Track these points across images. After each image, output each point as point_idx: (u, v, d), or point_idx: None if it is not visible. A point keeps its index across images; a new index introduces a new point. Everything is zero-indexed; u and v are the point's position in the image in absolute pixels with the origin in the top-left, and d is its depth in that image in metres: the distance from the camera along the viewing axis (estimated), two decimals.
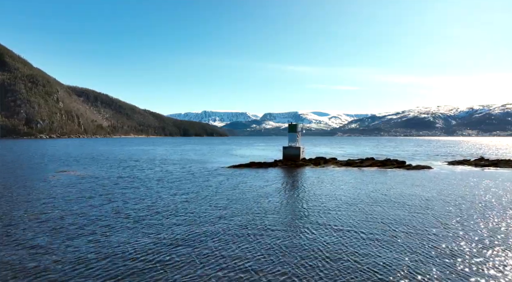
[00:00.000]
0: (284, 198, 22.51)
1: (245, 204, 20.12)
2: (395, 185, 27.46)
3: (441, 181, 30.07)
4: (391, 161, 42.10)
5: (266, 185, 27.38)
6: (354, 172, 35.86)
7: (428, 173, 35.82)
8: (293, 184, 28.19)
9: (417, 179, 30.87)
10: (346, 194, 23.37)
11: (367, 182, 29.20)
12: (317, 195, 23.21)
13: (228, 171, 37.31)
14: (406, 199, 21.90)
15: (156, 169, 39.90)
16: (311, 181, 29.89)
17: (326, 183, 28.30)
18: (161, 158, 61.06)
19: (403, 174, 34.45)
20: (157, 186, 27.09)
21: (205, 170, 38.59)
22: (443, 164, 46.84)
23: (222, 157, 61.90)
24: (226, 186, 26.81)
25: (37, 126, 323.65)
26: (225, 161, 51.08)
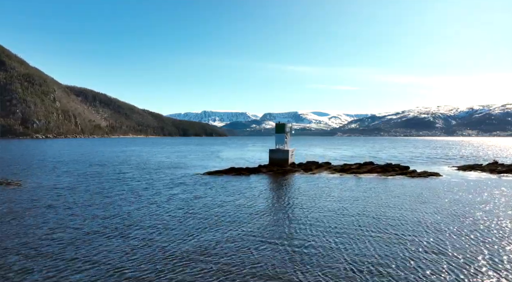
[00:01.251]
0: (253, 225, 16.49)
1: (189, 231, 14.53)
2: (398, 202, 21.86)
3: (454, 194, 24.38)
4: (392, 166, 36.42)
5: (234, 200, 21.87)
6: (349, 180, 30.32)
7: (436, 182, 30.16)
8: (272, 199, 22.62)
9: (425, 191, 25.33)
10: (338, 220, 17.58)
11: (364, 196, 23.50)
12: (300, 218, 17.57)
13: (200, 178, 31.76)
14: (414, 226, 16.14)
15: (115, 176, 34.03)
16: (296, 194, 24.28)
17: (315, 198, 22.68)
18: (136, 161, 55.27)
19: (407, 184, 28.77)
20: (91, 201, 21.56)
21: (172, 177, 32.93)
22: (451, 169, 41.15)
23: (203, 160, 56.01)
24: (178, 203, 21.10)
25: (33, 126, 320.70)
26: (205, 165, 45.44)
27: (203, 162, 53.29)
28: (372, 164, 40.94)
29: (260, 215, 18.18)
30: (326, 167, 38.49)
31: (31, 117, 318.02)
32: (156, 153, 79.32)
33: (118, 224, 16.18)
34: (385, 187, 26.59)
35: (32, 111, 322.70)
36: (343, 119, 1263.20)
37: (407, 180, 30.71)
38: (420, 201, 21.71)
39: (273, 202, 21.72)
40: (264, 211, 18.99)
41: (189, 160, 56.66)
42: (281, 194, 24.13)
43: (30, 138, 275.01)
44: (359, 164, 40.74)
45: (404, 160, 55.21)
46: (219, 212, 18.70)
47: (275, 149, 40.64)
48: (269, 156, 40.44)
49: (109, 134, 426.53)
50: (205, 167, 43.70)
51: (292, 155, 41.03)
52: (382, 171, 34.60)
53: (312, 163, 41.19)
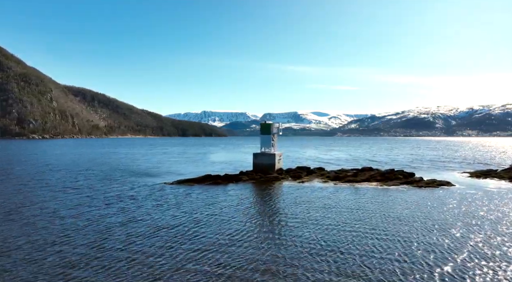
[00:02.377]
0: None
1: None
2: (406, 230, 16.93)
3: (476, 213, 19.39)
4: (395, 173, 31.73)
5: (188, 223, 16.86)
6: (345, 192, 25.61)
7: (449, 194, 25.27)
8: (241, 223, 17.56)
9: (438, 209, 20.39)
10: (331, 259, 12.88)
11: (362, 218, 18.64)
12: (281, 257, 12.80)
13: (162, 189, 26.70)
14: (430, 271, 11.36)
15: (57, 184, 29.30)
16: (276, 214, 19.28)
17: (299, 223, 17.79)
18: (106, 165, 50.48)
19: (414, 197, 23.81)
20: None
21: (129, 187, 27.84)
22: (462, 175, 36.29)
23: (184, 165, 50.60)
24: (92, 231, 16.31)
25: (29, 126, 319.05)
26: (181, 171, 40.27)
27: (182, 166, 48.07)
28: (371, 169, 36.29)
29: (217, 249, 13.29)
30: (318, 174, 33.81)
31: (27, 117, 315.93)
32: (138, 155, 74.15)
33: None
34: (387, 203, 21.77)
35: (28, 111, 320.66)
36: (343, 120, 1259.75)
37: (414, 192, 25.91)
38: (437, 228, 16.59)
39: (242, 227, 16.44)
40: (227, 244, 14.00)
41: (168, 164, 51.44)
42: (254, 214, 19.07)
43: (26, 139, 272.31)
44: (357, 170, 36.14)
45: (405, 164, 50.68)
46: (148, 247, 13.47)
47: (260, 153, 35.65)
48: (253, 160, 35.54)
49: (108, 135, 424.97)
50: (181, 173, 38.66)
51: (279, 159, 36.09)
52: (383, 179, 29.97)
53: (303, 168, 36.40)
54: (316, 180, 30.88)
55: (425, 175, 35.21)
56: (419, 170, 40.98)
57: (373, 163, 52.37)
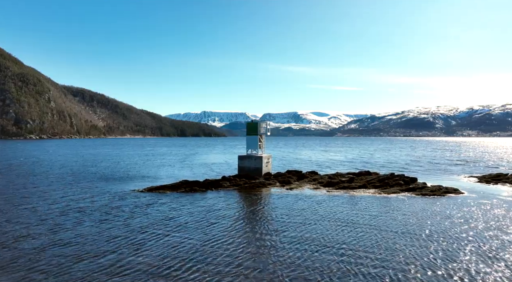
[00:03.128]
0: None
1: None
2: (408, 251, 13.32)
3: (498, 231, 15.80)
4: (395, 178, 28.39)
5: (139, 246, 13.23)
6: (337, 201, 22.07)
7: (458, 203, 21.52)
8: (195, 245, 13.96)
9: (447, 226, 16.75)
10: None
11: (351, 235, 15.06)
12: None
13: (125, 198, 22.94)
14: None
15: (10, 192, 25.72)
16: (245, 233, 15.60)
17: (276, 242, 14.28)
18: (80, 166, 46.99)
19: (417, 209, 20.16)
20: None
21: (88, 195, 24.32)
22: (470, 180, 32.65)
23: (166, 168, 46.49)
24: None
25: (26, 126, 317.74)
26: (159, 176, 36.35)
27: (164, 169, 44.04)
28: (368, 173, 32.89)
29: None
30: (310, 178, 30.39)
31: (24, 117, 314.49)
32: (124, 157, 70.26)
33: None
34: (386, 217, 18.19)
35: (25, 111, 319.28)
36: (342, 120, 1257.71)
37: (417, 201, 22.18)
38: (449, 257, 12.92)
39: (191, 255, 12.89)
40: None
41: (149, 167, 47.21)
42: (215, 234, 15.26)
43: (24, 139, 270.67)
44: (353, 174, 32.64)
45: (405, 167, 47.11)
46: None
47: (246, 155, 31.87)
48: (238, 164, 31.85)
49: (106, 135, 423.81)
50: (159, 177, 34.90)
51: (268, 162, 32.34)
52: (382, 185, 26.55)
53: (294, 172, 32.79)
54: (307, 186, 27.55)
55: (428, 179, 31.91)
56: (421, 174, 37.89)
57: (370, 166, 49.09)
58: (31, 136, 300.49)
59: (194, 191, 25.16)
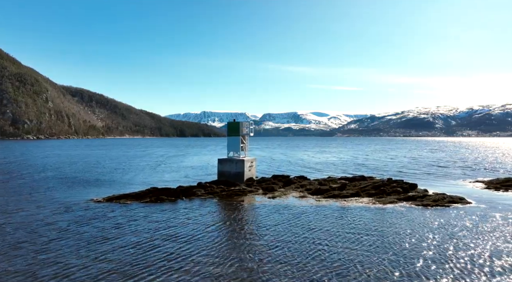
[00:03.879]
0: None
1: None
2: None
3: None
4: (392, 185, 25.55)
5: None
6: (324, 213, 19.09)
7: (467, 217, 18.45)
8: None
9: (456, 249, 13.94)
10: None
11: (333, 267, 12.23)
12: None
13: (68, 212, 19.56)
14: None
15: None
16: (192, 265, 12.80)
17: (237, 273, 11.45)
18: (50, 168, 44.12)
19: (418, 224, 17.18)
20: None
21: (32, 206, 21.12)
22: (477, 186, 29.44)
23: (142, 170, 42.89)
24: None
25: (24, 127, 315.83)
26: (131, 181, 33.15)
27: (139, 173, 40.33)
28: (363, 178, 29.92)
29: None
30: (297, 184, 27.45)
31: (22, 117, 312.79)
32: (105, 158, 66.92)
33: None
34: (381, 235, 15.31)
35: (23, 111, 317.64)
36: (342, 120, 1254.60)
37: (417, 213, 19.18)
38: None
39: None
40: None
41: (122, 171, 43.34)
42: (162, 263, 12.49)
43: (21, 140, 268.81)
44: (346, 179, 29.73)
45: (404, 170, 44.11)
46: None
47: (227, 159, 28.86)
48: (218, 168, 28.75)
49: (105, 135, 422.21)
50: (129, 183, 31.36)
51: (251, 166, 29.17)
52: (378, 193, 23.58)
53: (280, 178, 29.67)
54: (292, 194, 24.67)
55: (429, 185, 29.04)
56: (421, 179, 34.94)
57: (366, 168, 46.32)
58: (29, 137, 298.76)
59: (161, 200, 22.06)
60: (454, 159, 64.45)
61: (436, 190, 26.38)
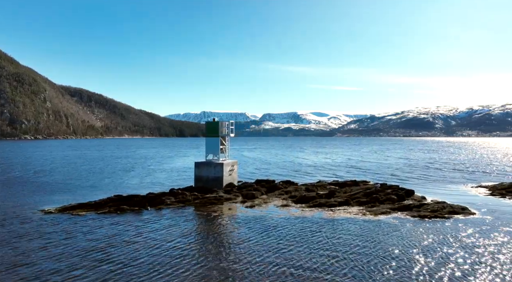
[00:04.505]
0: None
1: None
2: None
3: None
4: (386, 191, 22.79)
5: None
6: (302, 227, 16.42)
7: (472, 232, 15.78)
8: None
9: (460, 278, 11.37)
10: None
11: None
12: None
13: (3, 225, 16.95)
14: None
15: None
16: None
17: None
18: (19, 171, 41.67)
19: (414, 241, 14.55)
20: None
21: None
22: (480, 192, 26.71)
23: (116, 175, 39.87)
24: None
25: (21, 127, 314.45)
26: (99, 186, 30.38)
27: (114, 177, 37.07)
28: (355, 183, 27.36)
29: None
30: (282, 191, 24.76)
31: (19, 117, 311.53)
32: (89, 159, 64.06)
33: None
34: (369, 259, 12.84)
35: (20, 111, 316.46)
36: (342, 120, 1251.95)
37: (413, 227, 16.40)
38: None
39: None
40: None
41: (98, 174, 39.93)
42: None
43: (19, 140, 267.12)
44: (336, 184, 27.13)
45: (400, 174, 41.08)
46: None
47: (204, 162, 26.02)
48: (195, 173, 26.02)
49: (104, 135, 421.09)
50: (97, 189, 28.38)
51: (231, 170, 26.43)
52: (370, 201, 20.84)
53: (264, 183, 27.08)
54: (274, 201, 21.88)
55: (427, 191, 26.38)
56: (418, 183, 32.12)
57: (360, 171, 43.70)
58: (26, 137, 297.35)
59: (121, 210, 19.15)
60: (454, 161, 61.51)
61: (435, 197, 23.73)
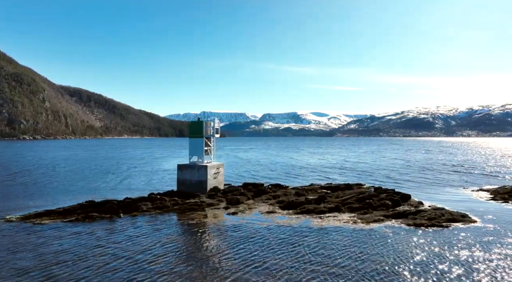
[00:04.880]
0: None
1: None
2: None
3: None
4: (381, 197, 21.37)
5: None
6: (286, 239, 14.90)
7: (472, 242, 14.51)
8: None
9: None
10: None
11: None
12: None
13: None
14: None
15: None
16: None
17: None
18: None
19: (407, 254, 13.21)
20: None
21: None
22: (481, 196, 25.22)
23: (95, 177, 37.68)
24: None
25: (20, 127, 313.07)
26: (75, 191, 28.39)
27: (92, 181, 34.75)
28: (348, 187, 25.77)
29: None
30: (269, 195, 23.16)
31: (18, 117, 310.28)
32: (75, 161, 62.34)
33: None
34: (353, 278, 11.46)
35: (19, 111, 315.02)
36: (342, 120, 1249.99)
37: (408, 238, 14.90)
38: None
39: None
40: None
41: (76, 177, 37.59)
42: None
43: (17, 140, 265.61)
44: (328, 189, 25.43)
45: (397, 176, 39.66)
46: None
47: (187, 165, 24.28)
48: (177, 176, 24.27)
49: (103, 135, 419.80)
50: (72, 194, 26.50)
51: (217, 173, 24.61)
52: (362, 207, 19.36)
53: (250, 186, 25.50)
54: (260, 207, 20.22)
55: (425, 195, 25.01)
56: (415, 187, 30.30)
57: (354, 173, 42.27)
58: (25, 137, 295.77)
59: (90, 218, 17.50)
60: (454, 162, 59.76)
61: (433, 202, 22.25)
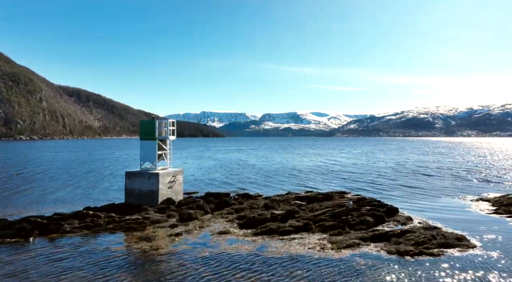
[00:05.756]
0: None
1: None
2: None
3: None
4: (362, 210, 18.05)
5: None
6: (234, 275, 11.82)
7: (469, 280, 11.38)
8: None
9: None
10: None
11: None
12: None
13: None
14: None
15: None
16: None
17: None
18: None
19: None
20: None
21: None
22: (480, 208, 21.90)
23: (56, 185, 34.84)
24: None
25: (16, 127, 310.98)
26: (17, 204, 24.84)
27: (31, 188, 31.25)
28: (328, 197, 22.40)
29: None
30: (233, 208, 19.78)
31: (14, 117, 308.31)
32: (49, 163, 59.23)
33: None
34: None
35: (16, 111, 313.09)
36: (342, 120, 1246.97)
37: (386, 277, 11.61)
38: None
39: None
40: None
41: (36, 185, 34.27)
42: None
43: (13, 140, 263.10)
44: (304, 198, 22.14)
45: (386, 182, 36.30)
46: None
47: (137, 172, 20.87)
48: (125, 185, 20.74)
49: (102, 135, 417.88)
50: (9, 205, 23.34)
51: (172, 182, 21.00)
52: (337, 225, 16.07)
53: (212, 198, 22.13)
54: (214, 225, 16.97)
55: (416, 206, 21.87)
56: (405, 196, 27.02)
57: (340, 178, 38.98)
58: (21, 137, 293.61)
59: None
60: (451, 165, 55.87)
61: (424, 217, 18.94)
